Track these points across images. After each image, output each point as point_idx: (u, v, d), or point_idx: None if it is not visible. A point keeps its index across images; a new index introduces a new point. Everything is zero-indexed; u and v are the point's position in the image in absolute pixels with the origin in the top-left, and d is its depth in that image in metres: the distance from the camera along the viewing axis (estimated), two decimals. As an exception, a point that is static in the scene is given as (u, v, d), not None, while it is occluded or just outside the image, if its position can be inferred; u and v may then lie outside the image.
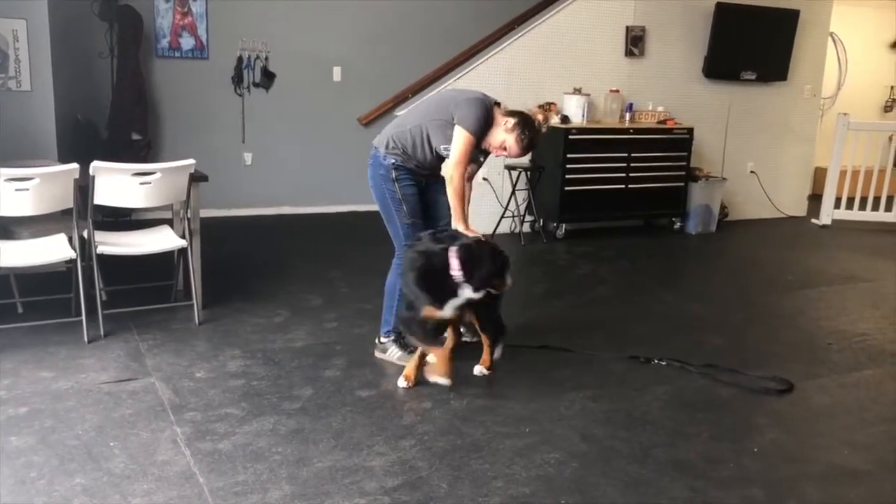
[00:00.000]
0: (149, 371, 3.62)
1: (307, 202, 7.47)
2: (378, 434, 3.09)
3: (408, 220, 3.78)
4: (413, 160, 3.74)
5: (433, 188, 3.86)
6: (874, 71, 10.11)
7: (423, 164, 3.75)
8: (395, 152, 3.73)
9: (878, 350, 4.33)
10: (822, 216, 7.90)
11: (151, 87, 6.73)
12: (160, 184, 4.06)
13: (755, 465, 3.01)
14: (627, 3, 7.07)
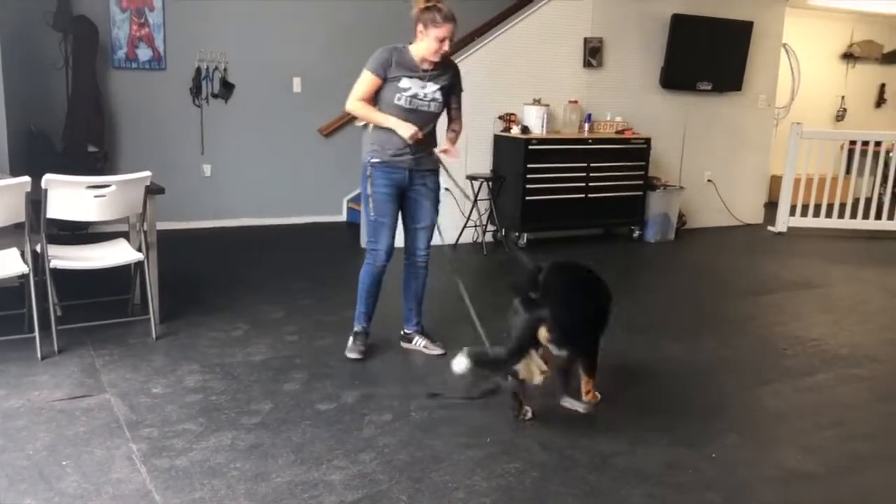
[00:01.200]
0: (104, 387, 3.56)
1: (268, 214, 7.42)
2: (338, 448, 3.07)
3: (372, 215, 3.91)
4: (388, 146, 3.86)
5: (416, 190, 3.96)
6: (826, 81, 10.37)
7: (396, 145, 3.84)
8: (373, 147, 3.92)
9: (831, 355, 4.42)
10: (777, 223, 8.06)
11: (108, 98, 6.64)
12: (115, 197, 4.00)
13: (713, 470, 3.05)
14: (585, 14, 7.16)
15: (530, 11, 7.01)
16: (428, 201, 3.99)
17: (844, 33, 10.41)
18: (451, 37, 3.78)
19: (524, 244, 6.85)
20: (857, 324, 5.03)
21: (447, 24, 3.73)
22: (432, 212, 4.02)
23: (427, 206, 3.99)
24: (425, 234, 4.06)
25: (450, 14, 3.75)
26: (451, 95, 4.00)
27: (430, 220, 4.03)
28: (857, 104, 10.73)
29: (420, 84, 3.85)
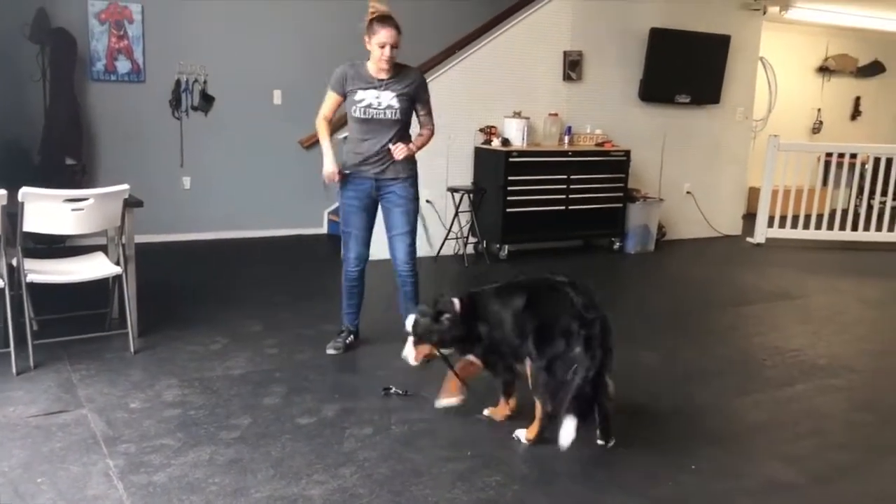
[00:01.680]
0: (81, 402, 3.52)
1: (248, 226, 7.39)
2: (318, 462, 3.05)
3: (344, 227, 4.18)
4: (353, 157, 4.07)
5: (385, 199, 4.10)
6: (802, 94, 10.50)
7: (365, 151, 4.03)
8: (344, 158, 4.13)
9: (809, 365, 4.46)
10: (756, 235, 8.13)
11: (86, 110, 6.59)
12: (93, 210, 3.97)
13: (692, 481, 3.06)
14: (564, 28, 7.21)
15: (510, 25, 7.06)
16: (398, 209, 4.08)
17: (820, 47, 10.56)
18: (394, 41, 3.89)
19: (505, 255, 6.86)
20: (835, 334, 5.08)
21: (384, 28, 3.86)
22: (404, 220, 4.09)
23: (398, 214, 4.09)
24: (401, 241, 4.13)
25: (388, 19, 3.88)
26: (416, 102, 4.10)
27: (404, 228, 4.09)
28: (833, 117, 10.87)
29: (375, 94, 3.98)
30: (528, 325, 3.16)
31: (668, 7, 7.64)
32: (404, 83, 4.01)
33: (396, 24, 3.91)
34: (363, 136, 4.05)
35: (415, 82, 4.06)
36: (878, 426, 3.69)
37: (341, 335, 4.36)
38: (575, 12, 7.22)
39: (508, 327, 3.21)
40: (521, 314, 3.18)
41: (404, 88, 4.00)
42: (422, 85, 4.11)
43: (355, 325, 4.40)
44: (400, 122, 4.05)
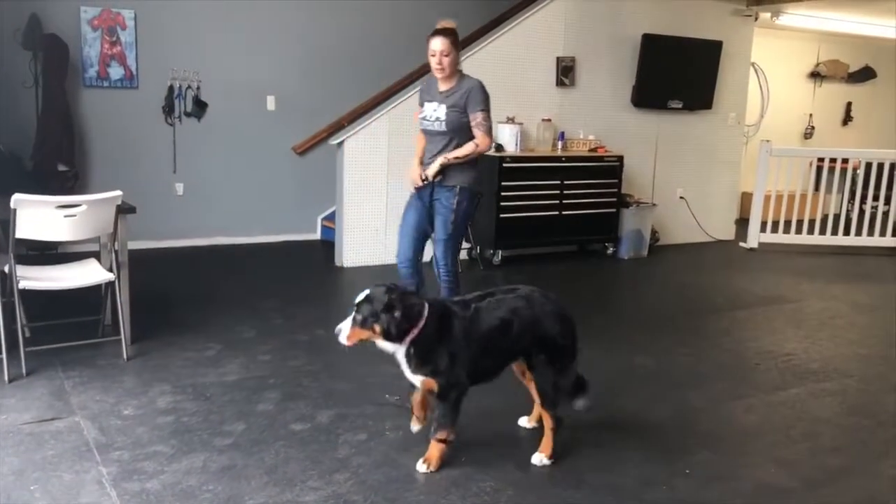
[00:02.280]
0: (74, 410, 3.51)
1: (241, 232, 7.38)
2: (312, 468, 3.05)
3: (400, 224, 4.37)
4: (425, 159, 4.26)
5: (434, 205, 4.23)
6: (794, 100, 10.55)
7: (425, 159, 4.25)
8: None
9: (802, 369, 4.47)
10: (749, 239, 8.16)
11: (79, 117, 6.57)
12: (86, 216, 3.95)
13: (687, 485, 3.06)
14: (557, 34, 7.23)
15: (503, 31, 7.07)
16: (439, 216, 4.22)
17: (811, 53, 10.62)
18: (442, 48, 4.03)
19: (499, 261, 6.86)
20: (828, 339, 5.10)
21: (433, 38, 4.04)
22: (441, 227, 4.22)
23: (438, 220, 4.23)
24: (438, 246, 4.26)
25: (439, 30, 4.05)
26: (466, 112, 4.13)
27: (440, 235, 4.22)
28: (825, 122, 10.92)
29: (434, 107, 4.17)
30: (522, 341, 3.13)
31: (660, 13, 7.67)
32: (457, 95, 4.12)
33: (449, 32, 4.05)
34: (427, 144, 4.28)
35: (465, 92, 4.12)
36: (871, 430, 3.70)
37: None
38: (568, 18, 7.24)
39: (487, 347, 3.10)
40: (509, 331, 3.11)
41: (457, 100, 4.11)
42: (471, 94, 4.12)
43: None
44: (447, 134, 4.15)
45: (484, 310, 3.12)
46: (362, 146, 6.59)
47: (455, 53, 4.09)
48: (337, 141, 6.65)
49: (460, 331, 3.05)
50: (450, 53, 4.05)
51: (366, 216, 6.68)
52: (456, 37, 4.09)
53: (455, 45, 4.08)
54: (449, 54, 4.05)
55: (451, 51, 4.05)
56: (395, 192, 6.74)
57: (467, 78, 4.19)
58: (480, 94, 4.13)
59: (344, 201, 6.60)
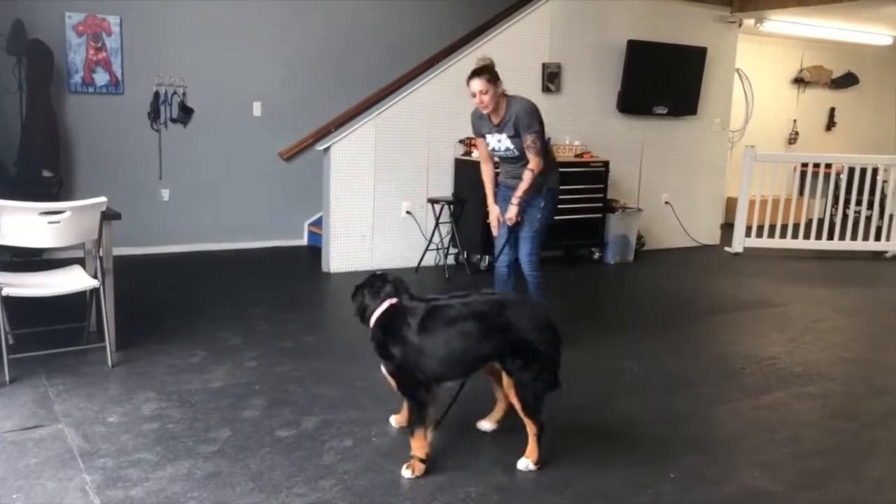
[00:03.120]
0: (57, 417, 3.48)
1: (227, 238, 7.36)
2: (297, 475, 3.04)
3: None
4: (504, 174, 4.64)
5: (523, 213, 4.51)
6: (778, 105, 10.65)
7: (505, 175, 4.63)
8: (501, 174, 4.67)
9: (786, 373, 4.50)
10: (734, 244, 8.20)
11: (64, 123, 6.54)
12: (70, 223, 3.94)
13: (672, 489, 3.08)
14: (543, 40, 7.27)
15: (489, 37, 7.10)
16: (528, 216, 4.54)
17: (795, 59, 10.71)
18: (481, 88, 4.27)
19: (486, 266, 6.87)
20: (812, 342, 5.14)
21: (471, 80, 4.30)
22: (528, 226, 4.55)
23: (525, 220, 4.54)
24: (524, 243, 4.59)
25: (475, 72, 4.28)
26: (518, 134, 4.39)
27: (527, 233, 4.56)
28: (809, 127, 11.02)
29: (497, 138, 4.47)
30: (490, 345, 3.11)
31: (645, 20, 7.72)
32: (510, 123, 4.37)
33: (483, 71, 4.26)
34: (503, 165, 4.63)
35: (515, 119, 4.35)
36: (854, 433, 3.73)
37: None
38: (553, 25, 7.28)
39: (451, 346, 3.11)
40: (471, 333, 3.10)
41: (511, 127, 4.37)
42: (519, 119, 4.35)
43: None
44: (522, 157, 4.44)
45: (444, 308, 3.13)
46: (349, 152, 6.59)
47: (494, 88, 4.28)
48: (323, 147, 6.65)
49: (414, 327, 3.07)
50: (488, 91, 4.27)
51: (353, 222, 6.67)
52: (491, 73, 4.27)
53: (491, 80, 4.27)
54: (487, 91, 4.27)
55: (488, 88, 4.26)
56: (381, 197, 6.76)
57: (514, 101, 4.40)
58: (527, 117, 4.34)
59: (331, 207, 6.60)
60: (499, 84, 4.33)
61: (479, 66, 4.30)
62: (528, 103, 4.42)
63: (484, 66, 4.29)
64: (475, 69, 4.31)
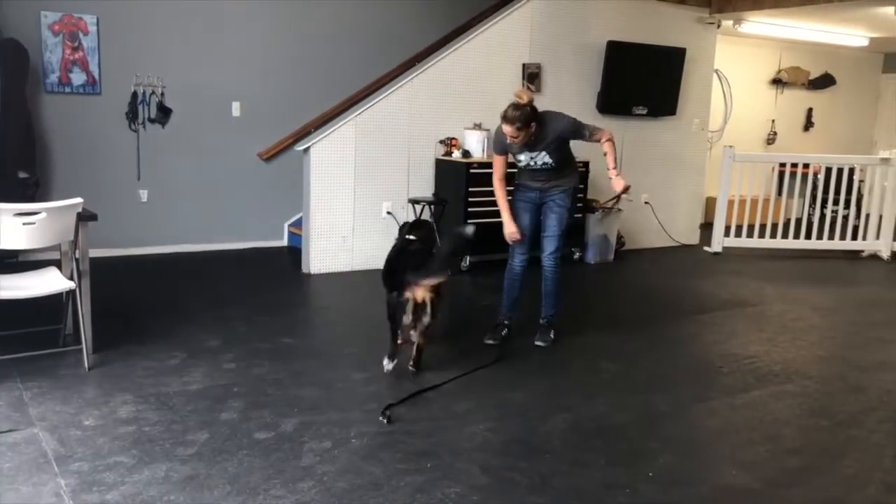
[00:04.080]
0: (32, 421, 3.45)
1: (206, 239, 7.31)
2: (275, 477, 3.03)
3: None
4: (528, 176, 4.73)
5: (547, 204, 4.71)
6: (757, 106, 10.73)
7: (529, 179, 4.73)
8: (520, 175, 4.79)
9: (764, 371, 4.54)
10: (713, 244, 8.26)
11: (40, 123, 6.47)
12: (45, 224, 3.90)
13: (650, 488, 3.09)
14: (524, 40, 7.28)
15: (470, 37, 7.10)
16: (553, 214, 4.70)
17: (773, 60, 10.80)
18: (516, 134, 4.38)
19: (467, 267, 6.88)
20: (790, 341, 5.18)
21: (504, 125, 4.40)
22: (556, 224, 4.71)
23: (552, 218, 4.70)
24: (549, 241, 4.76)
25: (507, 117, 4.36)
26: (570, 141, 4.60)
27: (553, 231, 4.72)
28: (787, 128, 11.12)
29: (530, 155, 4.57)
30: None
31: (624, 20, 7.76)
32: (549, 139, 4.48)
33: (523, 115, 4.33)
34: (527, 172, 4.70)
35: (557, 134, 4.49)
36: (831, 431, 3.76)
37: (497, 328, 4.86)
38: (533, 25, 7.30)
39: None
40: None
41: (551, 144, 4.49)
42: (565, 132, 4.53)
43: (511, 317, 4.91)
44: (556, 166, 4.59)
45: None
46: (329, 152, 6.57)
47: (527, 129, 4.37)
48: (303, 147, 6.63)
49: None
50: (519, 135, 4.38)
51: (333, 223, 6.65)
52: (522, 120, 4.33)
53: (526, 123, 4.34)
54: (518, 136, 4.39)
55: (520, 133, 4.37)
56: (362, 198, 6.74)
57: (549, 120, 4.50)
58: (571, 125, 4.53)
59: (311, 208, 6.58)
60: (532, 125, 4.39)
61: (512, 114, 4.33)
62: (566, 121, 4.54)
63: (518, 115, 4.31)
64: (508, 115, 4.34)
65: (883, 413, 3.98)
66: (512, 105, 4.37)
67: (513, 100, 4.42)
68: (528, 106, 4.35)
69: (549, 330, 4.92)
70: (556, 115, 4.58)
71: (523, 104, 4.34)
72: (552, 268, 4.80)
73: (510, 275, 4.90)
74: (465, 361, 4.45)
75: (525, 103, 4.34)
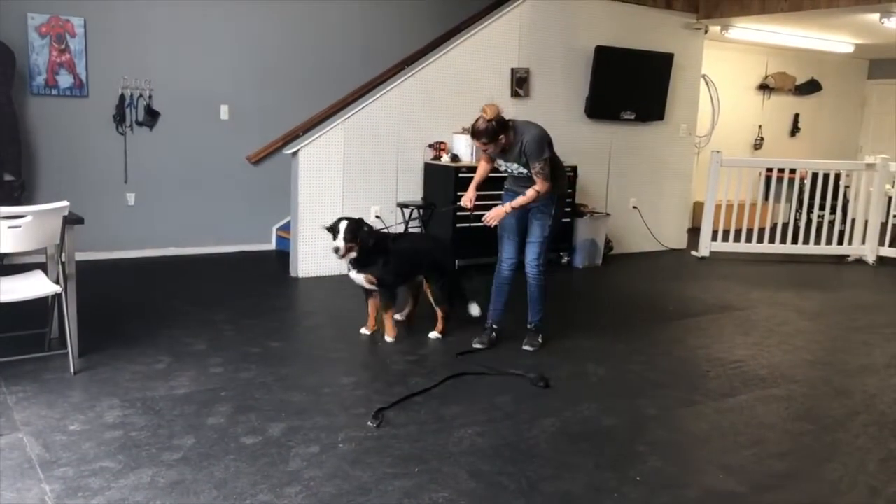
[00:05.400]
0: (17, 426, 3.42)
1: (194, 243, 7.28)
2: (262, 482, 3.01)
3: (500, 231, 4.88)
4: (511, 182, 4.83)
5: (532, 212, 4.74)
6: (744, 111, 10.79)
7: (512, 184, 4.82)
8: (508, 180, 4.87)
9: (751, 376, 4.56)
10: (700, 248, 8.30)
11: (26, 126, 6.44)
12: (31, 227, 3.87)
13: (637, 492, 3.10)
14: (512, 45, 7.30)
15: (459, 42, 7.11)
16: (537, 221, 4.74)
17: (760, 66, 10.87)
18: (485, 146, 4.51)
19: (455, 271, 6.87)
20: (776, 345, 5.21)
21: (474, 140, 4.54)
22: (538, 231, 4.75)
23: (535, 225, 4.75)
24: (532, 247, 4.79)
25: (473, 131, 4.48)
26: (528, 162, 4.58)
27: (536, 238, 4.76)
28: (774, 133, 11.19)
29: (505, 164, 4.70)
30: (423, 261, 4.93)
31: (612, 26, 7.79)
32: (517, 152, 4.54)
33: (489, 130, 4.41)
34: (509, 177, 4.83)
35: (521, 149, 4.53)
36: (816, 434, 3.78)
37: (486, 331, 4.92)
38: (522, 30, 7.32)
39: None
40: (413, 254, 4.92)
41: (519, 155, 4.56)
42: (526, 149, 4.52)
43: (500, 322, 4.96)
44: (531, 177, 4.58)
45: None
46: (318, 156, 6.56)
47: (495, 141, 4.45)
48: (292, 150, 6.61)
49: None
50: (488, 147, 4.50)
51: (321, 226, 6.63)
52: (489, 134, 4.41)
53: (492, 137, 4.42)
54: (488, 147, 4.52)
55: (490, 144, 4.47)
56: (351, 201, 6.73)
57: (521, 130, 4.54)
58: (533, 145, 4.50)
59: (299, 211, 6.57)
60: (500, 138, 4.45)
61: (478, 128, 4.42)
62: (536, 133, 4.54)
63: (483, 130, 4.40)
64: (475, 129, 4.44)
65: (868, 417, 4.01)
66: (478, 119, 4.45)
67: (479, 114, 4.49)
68: (493, 121, 4.40)
69: (537, 335, 4.93)
70: (526, 129, 4.56)
71: (489, 119, 4.40)
72: (535, 275, 4.83)
73: (498, 279, 4.93)
74: (452, 365, 4.45)
75: (490, 118, 4.40)
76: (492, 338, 4.90)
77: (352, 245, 4.66)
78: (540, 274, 4.83)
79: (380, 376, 4.32)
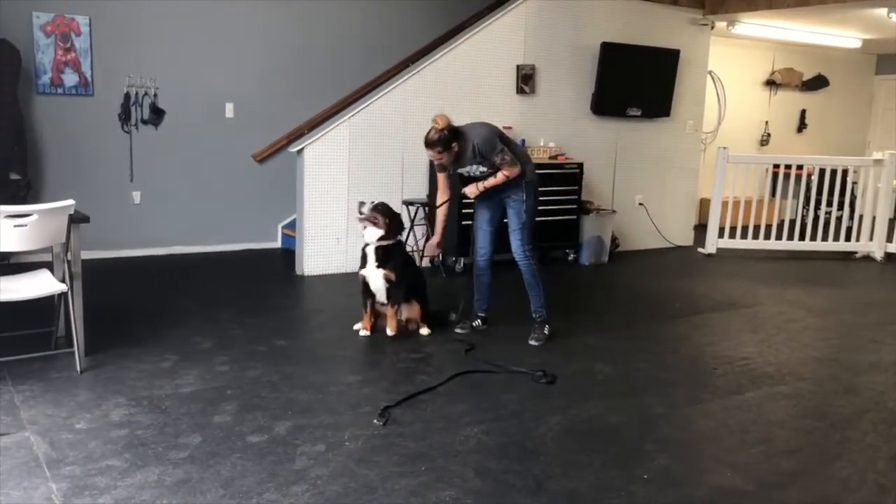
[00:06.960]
0: (23, 424, 3.42)
1: (199, 241, 7.29)
2: (269, 481, 3.01)
3: (475, 223, 5.06)
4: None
5: (507, 203, 4.84)
6: (751, 107, 10.75)
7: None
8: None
9: (758, 373, 4.54)
10: (707, 245, 8.27)
11: (32, 124, 6.45)
12: (37, 226, 3.87)
13: (645, 491, 3.08)
14: (517, 42, 7.28)
15: (464, 39, 7.10)
16: (512, 210, 4.84)
17: (766, 61, 10.83)
18: (440, 157, 4.64)
19: (461, 268, 6.87)
20: (783, 342, 5.18)
21: (427, 150, 4.66)
22: (516, 219, 4.83)
23: (511, 214, 4.84)
24: (514, 236, 4.86)
25: (427, 142, 4.61)
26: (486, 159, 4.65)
27: (515, 226, 4.84)
28: (780, 129, 11.14)
29: (466, 169, 4.79)
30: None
31: (618, 22, 7.76)
32: (469, 156, 4.64)
33: (442, 139, 4.55)
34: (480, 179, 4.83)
35: (474, 150, 4.61)
36: (825, 432, 3.76)
37: (470, 319, 5.11)
38: (527, 27, 7.30)
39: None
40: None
41: (475, 159, 4.66)
42: (481, 149, 4.61)
43: (484, 311, 5.14)
44: (497, 169, 4.68)
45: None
46: (322, 154, 6.56)
47: (449, 150, 4.58)
48: (297, 148, 6.61)
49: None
50: (443, 156, 4.62)
51: (326, 224, 6.64)
52: (442, 143, 4.55)
53: (445, 146, 4.55)
54: (442, 158, 4.64)
55: (444, 153, 4.59)
56: (355, 199, 6.71)
57: (468, 135, 4.62)
58: (484, 145, 4.60)
59: (304, 209, 6.56)
60: (453, 146, 4.58)
61: (431, 138, 4.56)
62: (483, 132, 4.65)
63: (437, 139, 4.53)
64: (429, 139, 4.57)
65: (877, 414, 3.99)
66: (430, 130, 4.59)
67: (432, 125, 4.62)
68: (444, 130, 4.53)
69: (543, 327, 4.94)
70: (473, 128, 4.70)
71: (440, 129, 4.53)
72: (524, 262, 4.89)
73: (476, 270, 5.09)
74: (459, 363, 4.44)
75: (442, 128, 4.53)
76: (473, 325, 5.08)
77: (376, 218, 4.74)
78: (528, 259, 4.88)
79: (386, 374, 4.32)
